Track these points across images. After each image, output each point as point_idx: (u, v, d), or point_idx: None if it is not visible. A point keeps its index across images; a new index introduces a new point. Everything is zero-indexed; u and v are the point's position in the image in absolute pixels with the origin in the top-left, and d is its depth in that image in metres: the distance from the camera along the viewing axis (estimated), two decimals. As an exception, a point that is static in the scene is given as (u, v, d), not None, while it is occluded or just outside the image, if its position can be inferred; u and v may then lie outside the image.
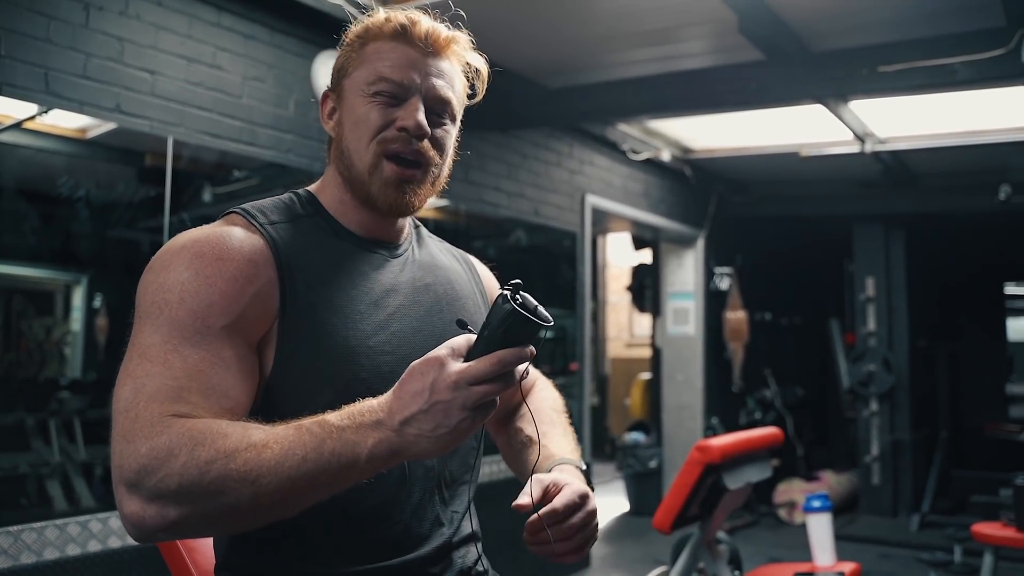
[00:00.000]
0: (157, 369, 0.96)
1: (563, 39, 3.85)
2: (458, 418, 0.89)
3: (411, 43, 1.14)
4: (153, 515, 0.90)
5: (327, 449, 0.89)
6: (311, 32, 3.41)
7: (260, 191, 3.30)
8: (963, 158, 5.61)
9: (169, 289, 1.01)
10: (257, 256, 1.06)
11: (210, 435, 0.90)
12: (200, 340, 0.99)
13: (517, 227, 4.72)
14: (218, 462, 0.88)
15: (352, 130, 1.15)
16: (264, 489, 0.88)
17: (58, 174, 2.69)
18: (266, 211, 1.14)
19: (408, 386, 0.90)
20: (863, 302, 6.82)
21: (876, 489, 6.68)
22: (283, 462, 0.89)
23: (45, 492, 2.60)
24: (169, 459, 0.89)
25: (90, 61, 2.71)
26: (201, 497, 0.89)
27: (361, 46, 1.16)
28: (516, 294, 0.90)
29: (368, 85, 1.14)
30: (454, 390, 0.88)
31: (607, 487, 7.67)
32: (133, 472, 0.90)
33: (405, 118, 1.12)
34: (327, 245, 1.15)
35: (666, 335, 6.79)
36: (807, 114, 4.71)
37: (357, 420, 0.91)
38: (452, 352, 0.90)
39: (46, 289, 2.76)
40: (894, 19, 3.52)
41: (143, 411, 0.93)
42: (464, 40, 1.20)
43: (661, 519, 3.01)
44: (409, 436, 0.89)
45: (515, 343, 0.90)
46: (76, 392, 2.73)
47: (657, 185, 6.18)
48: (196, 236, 1.06)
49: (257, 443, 0.90)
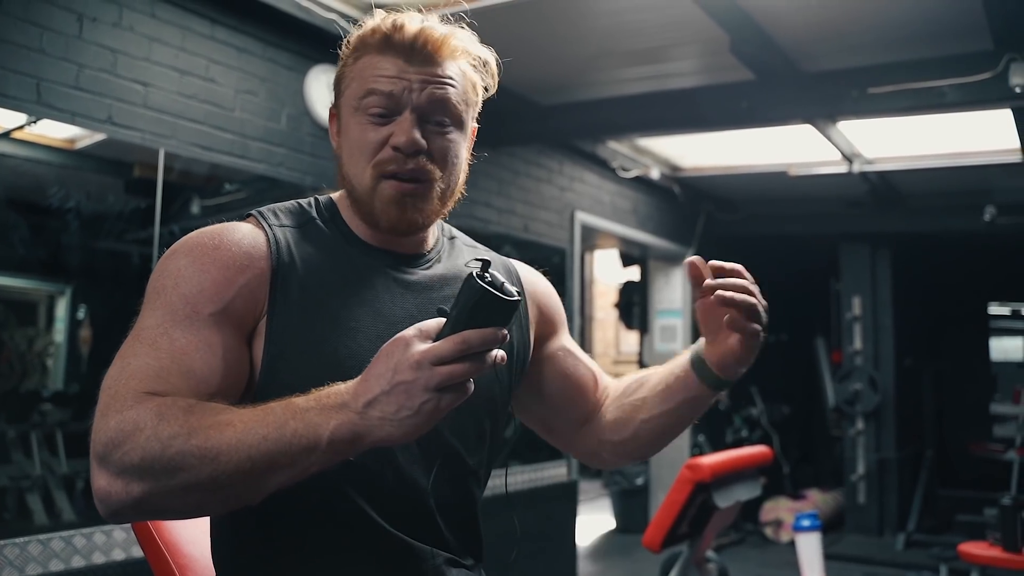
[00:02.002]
0: (144, 350, 0.97)
1: (554, 57, 3.86)
2: (421, 399, 0.86)
3: (399, 52, 1.08)
4: (119, 490, 0.90)
5: (289, 429, 0.88)
6: (304, 46, 3.41)
7: (250, 204, 3.27)
8: (949, 179, 5.66)
9: (168, 275, 1.03)
10: (254, 250, 1.06)
11: (176, 411, 0.90)
12: (189, 325, 0.99)
13: (507, 243, 4.71)
14: (179, 438, 0.88)
15: (349, 153, 1.12)
16: (223, 467, 0.88)
17: (47, 184, 2.66)
18: (279, 213, 1.14)
19: (374, 367, 0.89)
20: (849, 321, 6.86)
21: (862, 508, 6.69)
22: (243, 440, 0.88)
23: (26, 506, 2.56)
24: (135, 433, 0.89)
25: (83, 72, 2.70)
26: (162, 472, 0.88)
27: (355, 60, 1.12)
28: (484, 271, 0.87)
29: (359, 101, 1.09)
30: (416, 370, 0.85)
31: (593, 504, 7.65)
32: (102, 445, 0.91)
33: (398, 135, 1.07)
34: (334, 253, 1.12)
35: (654, 352, 6.80)
36: (796, 134, 4.74)
37: (322, 402, 0.89)
38: (420, 333, 0.88)
39: (29, 299, 2.73)
40: (884, 41, 3.56)
41: (121, 388, 0.94)
42: (462, 34, 1.12)
43: (651, 537, 3.00)
44: (373, 418, 0.87)
45: (483, 323, 0.86)
46: (58, 404, 2.70)
47: (646, 202, 6.20)
48: (204, 229, 1.08)
49: (220, 422, 0.89)
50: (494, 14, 3.28)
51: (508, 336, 0.90)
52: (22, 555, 2.45)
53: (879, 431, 6.70)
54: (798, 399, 7.99)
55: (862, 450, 6.71)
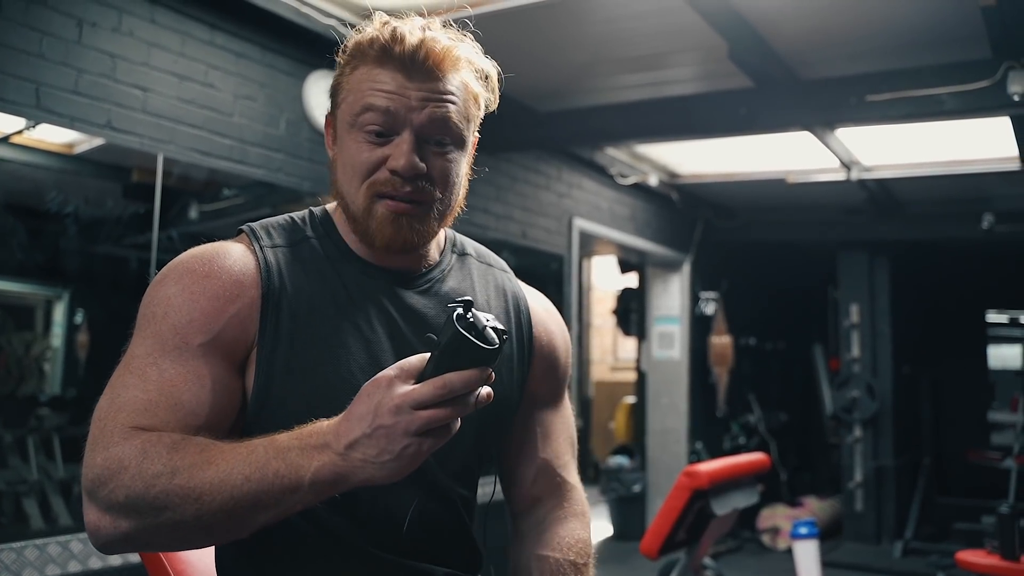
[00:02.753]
0: (133, 381, 0.96)
1: (553, 64, 3.87)
2: (402, 444, 0.84)
3: (398, 65, 1.02)
4: (107, 525, 0.90)
5: (271, 470, 0.87)
6: (303, 52, 3.41)
7: (249, 209, 3.29)
8: (947, 187, 5.67)
9: (158, 303, 1.01)
10: (244, 277, 1.03)
11: (160, 448, 0.90)
12: (179, 356, 0.98)
13: (504, 249, 4.72)
14: (163, 477, 0.88)
15: (344, 170, 1.07)
16: (207, 507, 0.87)
17: (45, 189, 2.66)
18: (271, 230, 1.11)
19: (355, 408, 0.86)
20: (847, 328, 6.86)
21: (859, 515, 6.68)
22: (226, 480, 0.87)
23: (22, 510, 2.56)
24: (120, 471, 0.89)
25: (82, 77, 2.70)
26: (148, 511, 0.88)
27: (352, 70, 1.06)
28: (467, 312, 0.84)
29: (355, 116, 1.04)
30: (396, 414, 0.83)
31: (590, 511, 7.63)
32: (90, 481, 0.91)
33: (396, 159, 1.02)
34: (327, 273, 1.09)
35: (651, 359, 6.79)
36: (794, 141, 4.75)
37: (304, 441, 0.87)
38: (401, 373, 0.85)
39: (27, 304, 2.73)
40: (883, 49, 3.57)
41: (109, 421, 0.93)
42: (465, 45, 1.07)
43: (648, 544, 2.99)
44: (355, 460, 0.85)
45: (464, 365, 0.83)
46: (56, 409, 2.70)
47: (644, 209, 6.21)
48: (195, 252, 1.05)
49: (204, 460, 0.88)
50: (491, 21, 3.28)
51: (494, 375, 0.87)
52: (19, 560, 2.45)
53: (877, 439, 6.70)
54: (796, 406, 7.99)
55: (860, 458, 6.70)
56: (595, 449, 9.65)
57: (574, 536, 1.21)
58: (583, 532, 1.23)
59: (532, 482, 1.23)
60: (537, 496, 1.24)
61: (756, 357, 7.50)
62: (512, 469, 1.25)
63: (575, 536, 1.21)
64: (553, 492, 1.25)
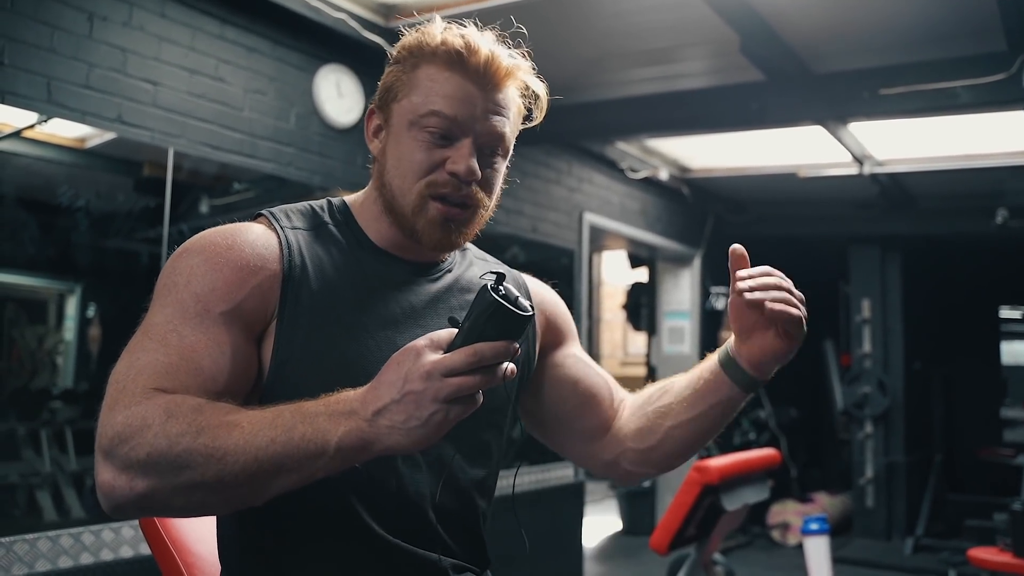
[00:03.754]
0: (154, 345, 0.97)
1: (563, 58, 3.86)
2: (430, 410, 0.86)
3: (468, 74, 1.07)
4: (123, 485, 0.90)
5: (297, 433, 0.88)
6: (313, 46, 3.41)
7: (259, 203, 3.29)
8: (960, 181, 5.63)
9: (180, 273, 1.03)
10: (267, 252, 1.06)
11: (185, 409, 0.90)
12: (199, 323, 0.99)
13: (514, 244, 4.71)
14: (187, 436, 0.88)
15: (397, 165, 1.10)
16: (230, 467, 0.88)
17: (58, 183, 2.67)
18: (291, 215, 1.14)
19: (384, 376, 0.89)
20: (859, 323, 6.83)
21: (870, 512, 6.66)
22: (251, 441, 0.88)
23: (35, 502, 2.57)
24: (142, 429, 0.89)
25: (93, 71, 2.71)
26: (168, 469, 0.88)
27: (413, 68, 1.09)
28: (499, 285, 0.88)
29: (419, 117, 1.07)
30: (426, 380, 0.86)
31: (600, 506, 7.64)
32: (108, 439, 0.91)
33: (456, 162, 1.07)
34: (346, 258, 1.12)
35: (662, 354, 6.78)
36: (806, 135, 4.72)
37: (332, 408, 0.90)
38: (431, 343, 0.88)
39: (39, 298, 2.74)
40: (896, 42, 3.54)
41: (130, 383, 0.94)
42: (525, 67, 1.13)
43: (658, 539, 2.99)
44: (381, 427, 0.87)
45: (495, 336, 0.87)
46: (68, 402, 2.71)
47: (655, 204, 6.19)
48: (215, 229, 1.08)
49: (229, 422, 0.89)
50: (501, 14, 3.27)
51: (520, 350, 0.90)
52: (31, 551, 2.46)
53: (888, 435, 6.67)
54: (806, 402, 7.96)
55: (870, 454, 6.68)
56: (605, 444, 9.65)
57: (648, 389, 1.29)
58: None
59: (610, 405, 1.30)
60: (617, 410, 1.31)
61: (766, 352, 7.46)
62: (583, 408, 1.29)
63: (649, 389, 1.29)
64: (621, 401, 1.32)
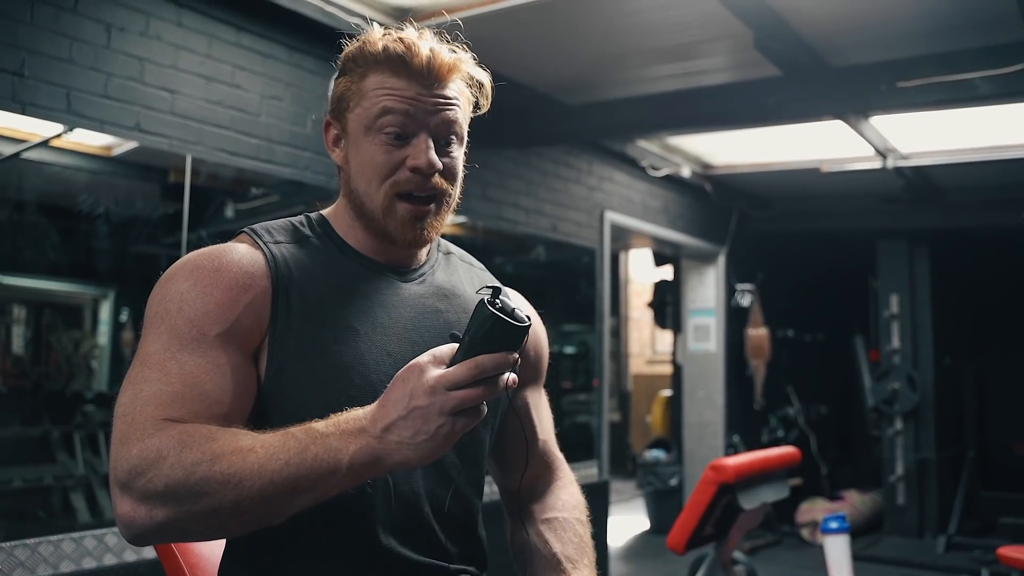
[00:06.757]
0: (155, 375, 0.99)
1: (581, 56, 3.86)
2: (437, 423, 0.89)
3: (413, 75, 1.11)
4: (142, 516, 0.92)
5: (310, 455, 0.91)
6: (328, 51, 3.41)
7: (278, 208, 3.33)
8: (988, 173, 5.54)
9: (170, 300, 1.05)
10: (254, 268, 1.08)
11: (198, 438, 0.93)
12: (197, 348, 1.01)
13: (536, 244, 4.72)
14: (203, 464, 0.91)
15: (360, 171, 1.14)
16: (247, 492, 0.90)
17: (89, 191, 2.74)
18: (272, 231, 1.16)
19: (390, 394, 0.92)
20: (887, 319, 6.74)
21: (901, 509, 6.57)
22: (266, 466, 0.90)
23: (70, 504, 2.64)
24: (158, 461, 0.92)
25: (111, 81, 2.76)
26: (186, 498, 0.91)
27: (361, 77, 1.13)
28: (496, 298, 0.91)
29: (373, 120, 1.11)
30: (431, 395, 0.89)
31: (627, 505, 7.62)
32: (124, 473, 0.93)
33: (416, 157, 1.11)
34: (330, 265, 1.15)
35: (687, 352, 6.75)
36: (828, 129, 4.68)
37: (341, 427, 0.92)
38: (434, 359, 0.92)
39: (75, 303, 2.81)
40: (913, 34, 3.50)
41: (138, 415, 0.96)
42: (466, 60, 1.16)
43: (675, 539, 2.98)
44: (391, 443, 0.90)
45: (495, 348, 0.90)
46: (101, 406, 2.77)
47: (677, 201, 6.16)
48: (199, 252, 1.10)
49: (242, 447, 0.92)
50: (519, 14, 3.29)
51: (520, 360, 0.93)
52: (56, 552, 2.52)
53: (918, 431, 6.58)
54: (836, 399, 7.88)
55: (901, 450, 6.59)
56: (633, 443, 9.63)
57: (575, 499, 1.33)
58: (580, 496, 1.35)
59: (532, 461, 1.32)
60: (537, 473, 1.34)
61: (794, 349, 7.41)
62: (509, 452, 1.32)
63: (576, 499, 1.33)
64: (549, 467, 1.36)
